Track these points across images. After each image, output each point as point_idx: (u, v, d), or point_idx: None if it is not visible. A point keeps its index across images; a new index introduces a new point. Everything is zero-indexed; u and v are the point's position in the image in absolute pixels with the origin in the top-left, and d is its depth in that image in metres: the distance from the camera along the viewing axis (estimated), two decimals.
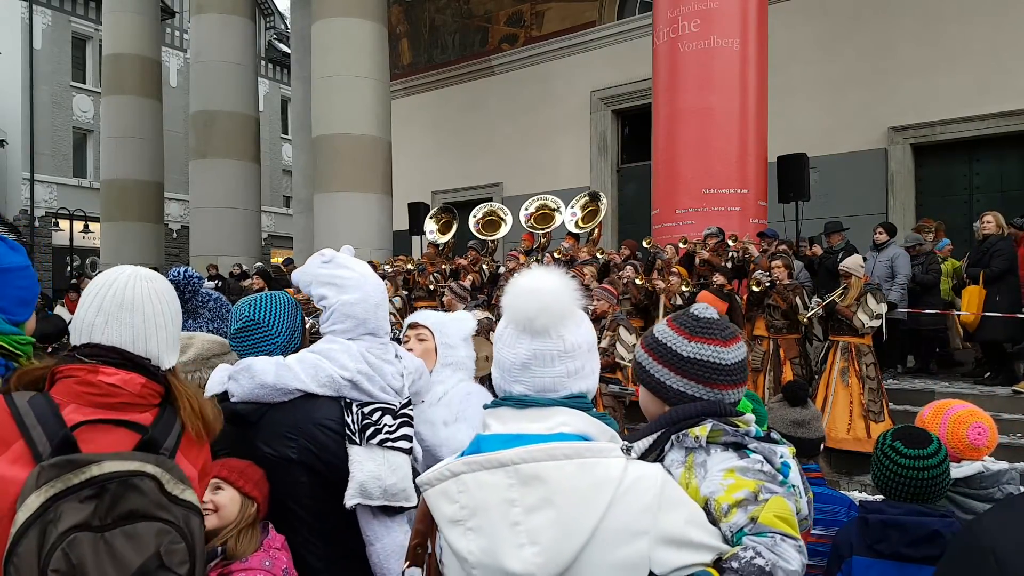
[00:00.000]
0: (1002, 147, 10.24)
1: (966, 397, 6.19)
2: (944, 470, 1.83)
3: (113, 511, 1.11)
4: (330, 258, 1.82)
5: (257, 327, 1.81)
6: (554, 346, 1.11)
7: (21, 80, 20.42)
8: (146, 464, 1.17)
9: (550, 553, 0.98)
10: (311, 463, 1.63)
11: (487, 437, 1.10)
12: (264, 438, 1.64)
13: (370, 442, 1.65)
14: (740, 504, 1.12)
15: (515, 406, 1.11)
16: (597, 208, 9.54)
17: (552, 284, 1.12)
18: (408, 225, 13.25)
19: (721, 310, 5.61)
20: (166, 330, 1.31)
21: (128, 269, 1.32)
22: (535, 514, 1.00)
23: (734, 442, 1.22)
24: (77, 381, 1.21)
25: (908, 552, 1.77)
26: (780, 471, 1.21)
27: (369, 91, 11.98)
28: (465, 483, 1.04)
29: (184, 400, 1.29)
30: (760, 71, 8.41)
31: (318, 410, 1.67)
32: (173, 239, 22.48)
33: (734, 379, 1.28)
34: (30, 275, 1.47)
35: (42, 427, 1.14)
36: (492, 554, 1.00)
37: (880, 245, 7.65)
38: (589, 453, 1.04)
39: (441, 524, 1.06)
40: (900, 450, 1.85)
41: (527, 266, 8.50)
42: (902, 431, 1.91)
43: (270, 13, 27.27)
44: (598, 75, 13.99)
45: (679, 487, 1.12)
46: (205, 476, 1.38)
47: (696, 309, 1.34)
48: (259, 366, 1.67)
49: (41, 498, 1.07)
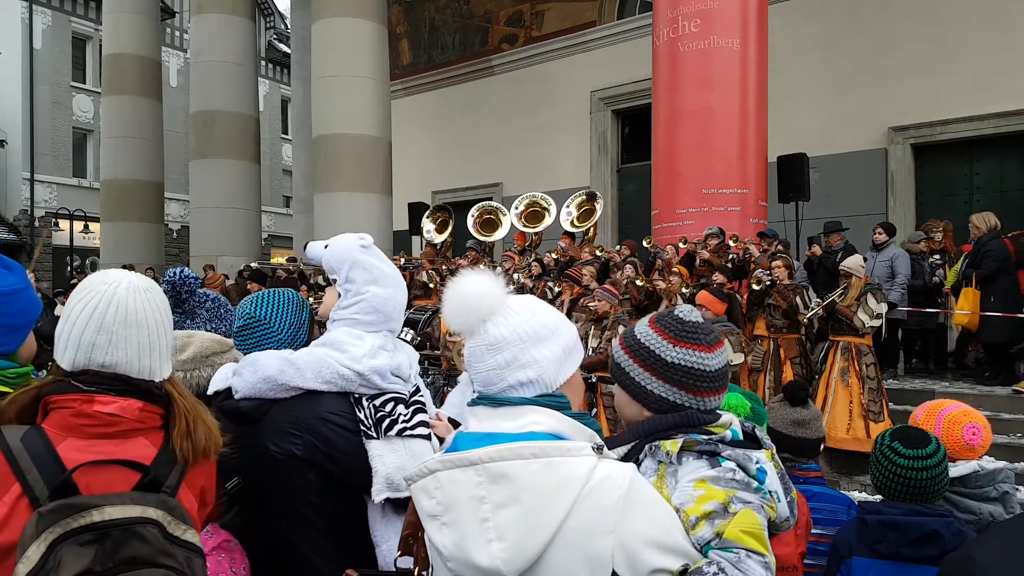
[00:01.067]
0: (1002, 147, 10.24)
1: (966, 397, 6.20)
2: (943, 470, 1.83)
3: (115, 557, 1.08)
4: (369, 244, 1.78)
5: (259, 324, 1.78)
6: (481, 341, 1.15)
7: (21, 80, 20.42)
8: (148, 508, 1.14)
9: (516, 549, 1.01)
10: (318, 460, 1.59)
11: (463, 435, 1.14)
12: (269, 435, 1.60)
13: (388, 434, 1.62)
14: (708, 516, 1.12)
15: (490, 404, 1.14)
16: (593, 208, 9.54)
17: (471, 284, 1.16)
18: (408, 225, 13.26)
19: (720, 310, 5.61)
20: (164, 340, 1.27)
21: (122, 280, 1.24)
22: (502, 511, 1.03)
23: (707, 450, 1.21)
24: (73, 413, 1.16)
25: (907, 552, 1.77)
26: (756, 477, 1.19)
27: (369, 91, 11.98)
28: (440, 480, 1.07)
29: (180, 418, 1.25)
30: (760, 71, 8.41)
31: (322, 404, 1.62)
32: (173, 239, 22.48)
33: (717, 386, 1.28)
34: (24, 298, 1.34)
35: (38, 469, 1.10)
36: (463, 548, 1.04)
37: (880, 245, 7.65)
38: (556, 452, 1.05)
39: (422, 518, 1.11)
40: (899, 450, 1.84)
41: (525, 266, 8.55)
42: (900, 431, 1.91)
43: (270, 13, 27.27)
44: (598, 75, 13.99)
45: (649, 487, 1.12)
46: (204, 507, 1.33)
47: (681, 311, 1.32)
48: (263, 360, 1.63)
49: (42, 548, 1.03)
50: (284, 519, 1.62)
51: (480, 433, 1.11)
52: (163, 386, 1.27)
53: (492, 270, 6.94)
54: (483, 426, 1.13)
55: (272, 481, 1.61)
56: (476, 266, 8.71)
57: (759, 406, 2.07)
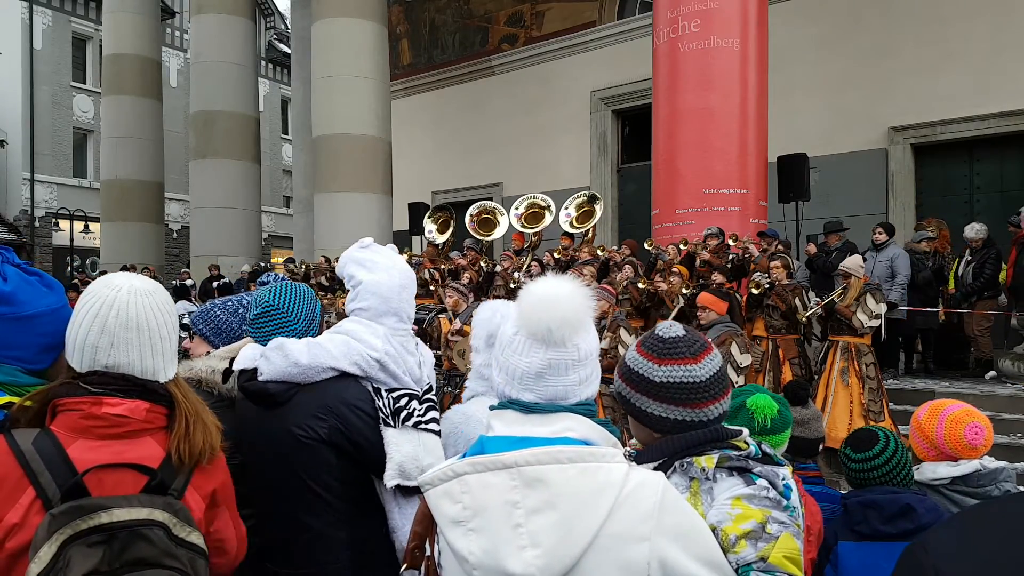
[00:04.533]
0: (1002, 147, 10.24)
1: (966, 397, 6.20)
2: (896, 462, 1.93)
3: (121, 557, 1.12)
4: (368, 244, 1.89)
5: (276, 312, 1.83)
6: (569, 356, 1.10)
7: (21, 80, 20.42)
8: (154, 511, 1.17)
9: (551, 556, 0.99)
10: (340, 443, 1.65)
11: (492, 439, 1.10)
12: (295, 418, 1.65)
13: (405, 424, 1.70)
14: (748, 536, 1.13)
15: (520, 410, 1.11)
16: (592, 209, 9.53)
17: (568, 293, 1.11)
18: (408, 225, 13.26)
19: (722, 310, 5.59)
20: (169, 342, 1.30)
21: (124, 284, 1.27)
22: (537, 516, 1.00)
23: (739, 467, 1.21)
24: (82, 415, 1.19)
25: (885, 529, 1.84)
26: (783, 494, 1.21)
27: (369, 91, 11.98)
28: (468, 484, 1.04)
29: (180, 420, 1.27)
30: (760, 71, 8.41)
31: (348, 390, 1.69)
32: (173, 239, 22.48)
33: (712, 394, 1.26)
34: (61, 317, 1.33)
35: (50, 472, 1.14)
36: (493, 555, 1.01)
37: (880, 245, 7.65)
38: (592, 458, 1.04)
39: (443, 524, 1.06)
40: (850, 455, 2.01)
41: (523, 265, 8.54)
42: (852, 436, 2.07)
43: (270, 13, 27.27)
44: (598, 75, 13.99)
45: (680, 496, 1.12)
46: (215, 507, 1.35)
47: (660, 330, 1.32)
48: (292, 346, 1.68)
49: (53, 548, 1.07)
50: (299, 499, 1.66)
51: (512, 437, 1.08)
52: (167, 387, 1.29)
53: (490, 268, 6.86)
54: (513, 430, 1.09)
55: (291, 461, 1.65)
56: (475, 265, 8.71)
57: (786, 410, 2.06)
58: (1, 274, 1.34)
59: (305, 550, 1.67)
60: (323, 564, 1.66)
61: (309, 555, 1.66)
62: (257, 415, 1.69)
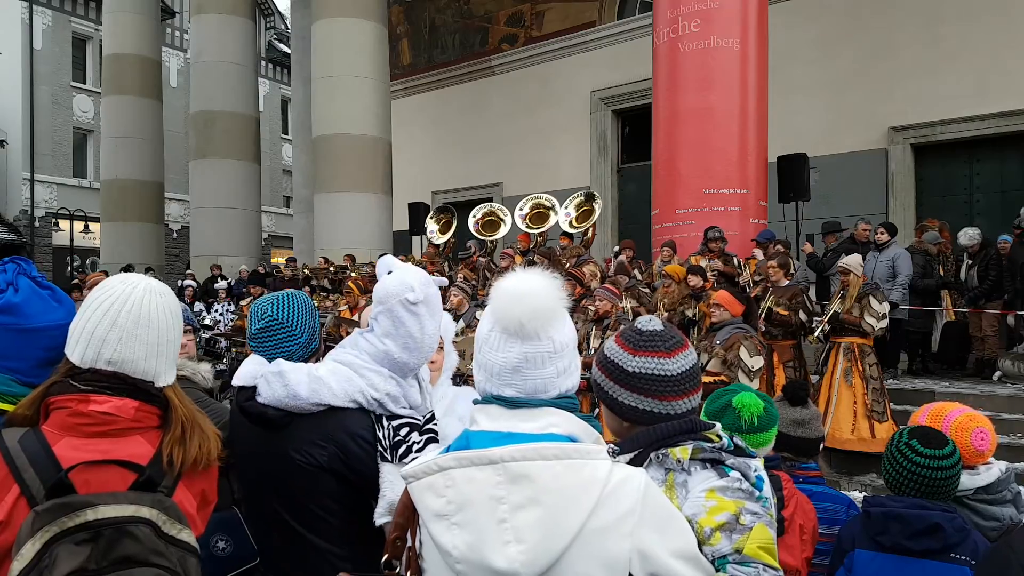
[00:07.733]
0: (1002, 147, 10.24)
1: (966, 397, 6.20)
2: (956, 473, 1.83)
3: (108, 555, 1.09)
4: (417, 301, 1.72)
5: (281, 327, 1.76)
6: (544, 348, 1.10)
7: (21, 80, 20.42)
8: (141, 508, 1.14)
9: (535, 551, 0.99)
10: (340, 471, 1.63)
11: (476, 433, 1.10)
12: (294, 443, 1.62)
13: (403, 461, 1.64)
14: (722, 528, 1.15)
15: (505, 405, 1.11)
16: (591, 208, 9.52)
17: (539, 286, 1.11)
18: (408, 225, 13.26)
19: (737, 312, 5.40)
20: (173, 346, 1.29)
21: (140, 282, 1.27)
22: (522, 512, 1.01)
23: (712, 458, 1.23)
24: (69, 413, 1.18)
25: (909, 545, 1.77)
26: (755, 485, 1.22)
27: (369, 91, 11.99)
28: (453, 478, 1.04)
29: (175, 424, 1.26)
30: (760, 71, 8.41)
31: (349, 419, 1.65)
32: (173, 239, 22.48)
33: (682, 389, 1.28)
34: (66, 333, 1.29)
35: (34, 469, 1.12)
36: (477, 550, 1.01)
37: (881, 245, 7.64)
38: (577, 454, 1.04)
39: (426, 517, 1.07)
40: (916, 448, 1.84)
41: (523, 266, 8.45)
42: (919, 430, 1.92)
43: (270, 13, 27.27)
44: (598, 75, 13.99)
45: (660, 492, 1.12)
46: (207, 506, 1.34)
47: (640, 323, 1.33)
48: (293, 376, 1.63)
49: (36, 546, 1.05)
50: (299, 518, 1.65)
51: (497, 432, 1.08)
52: (163, 391, 1.27)
53: (492, 268, 6.81)
54: (498, 425, 1.10)
55: (291, 484, 1.63)
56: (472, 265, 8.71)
57: (772, 407, 2.06)
58: (14, 285, 1.34)
59: (302, 564, 1.65)
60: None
61: (306, 569, 1.65)
62: (256, 434, 1.66)
